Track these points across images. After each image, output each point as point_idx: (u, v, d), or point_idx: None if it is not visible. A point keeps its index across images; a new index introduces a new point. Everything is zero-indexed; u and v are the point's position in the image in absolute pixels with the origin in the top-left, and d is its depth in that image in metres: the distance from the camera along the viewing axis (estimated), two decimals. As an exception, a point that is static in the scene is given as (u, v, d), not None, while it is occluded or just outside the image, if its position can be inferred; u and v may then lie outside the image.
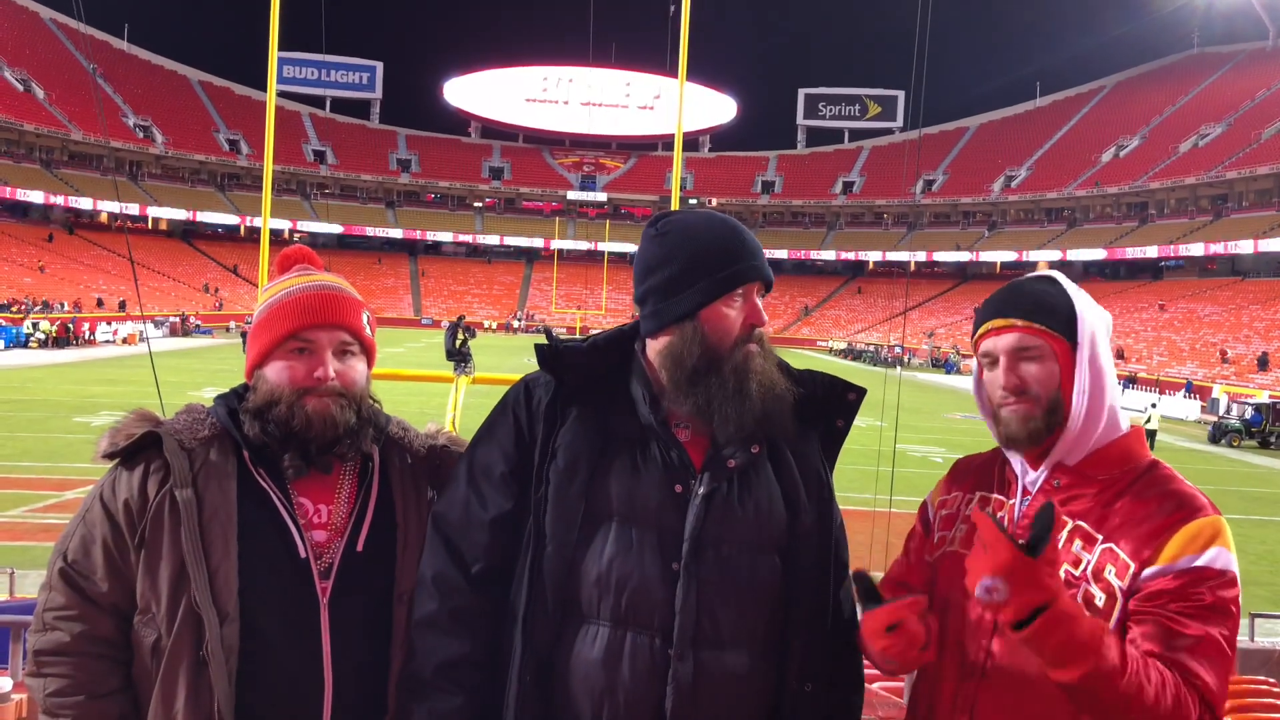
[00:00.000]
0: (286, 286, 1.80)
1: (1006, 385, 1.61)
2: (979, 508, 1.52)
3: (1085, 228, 72.11)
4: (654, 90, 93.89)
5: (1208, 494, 1.54)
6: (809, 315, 75.71)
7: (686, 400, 1.64)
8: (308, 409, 1.70)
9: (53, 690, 1.62)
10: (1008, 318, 1.63)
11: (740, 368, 1.63)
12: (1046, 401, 1.58)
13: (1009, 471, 1.70)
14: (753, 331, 1.67)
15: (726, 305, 1.66)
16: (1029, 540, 1.30)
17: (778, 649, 1.62)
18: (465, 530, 1.66)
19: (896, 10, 73.50)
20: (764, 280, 1.70)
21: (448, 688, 1.59)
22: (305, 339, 1.73)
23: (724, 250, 1.67)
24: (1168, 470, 1.59)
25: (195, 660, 1.60)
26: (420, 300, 75.58)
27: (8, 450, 14.81)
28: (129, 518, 1.66)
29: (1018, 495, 1.65)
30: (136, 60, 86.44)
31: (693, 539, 1.58)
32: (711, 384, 1.63)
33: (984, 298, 1.74)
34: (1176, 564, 1.44)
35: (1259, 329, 45.87)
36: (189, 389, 20.51)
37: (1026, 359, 1.60)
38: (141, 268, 55.91)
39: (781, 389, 1.66)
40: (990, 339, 1.65)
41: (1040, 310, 1.61)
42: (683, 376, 1.64)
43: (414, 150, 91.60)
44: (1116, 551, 1.49)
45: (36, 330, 38.06)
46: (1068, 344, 1.60)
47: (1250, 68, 75.28)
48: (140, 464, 1.69)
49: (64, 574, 1.67)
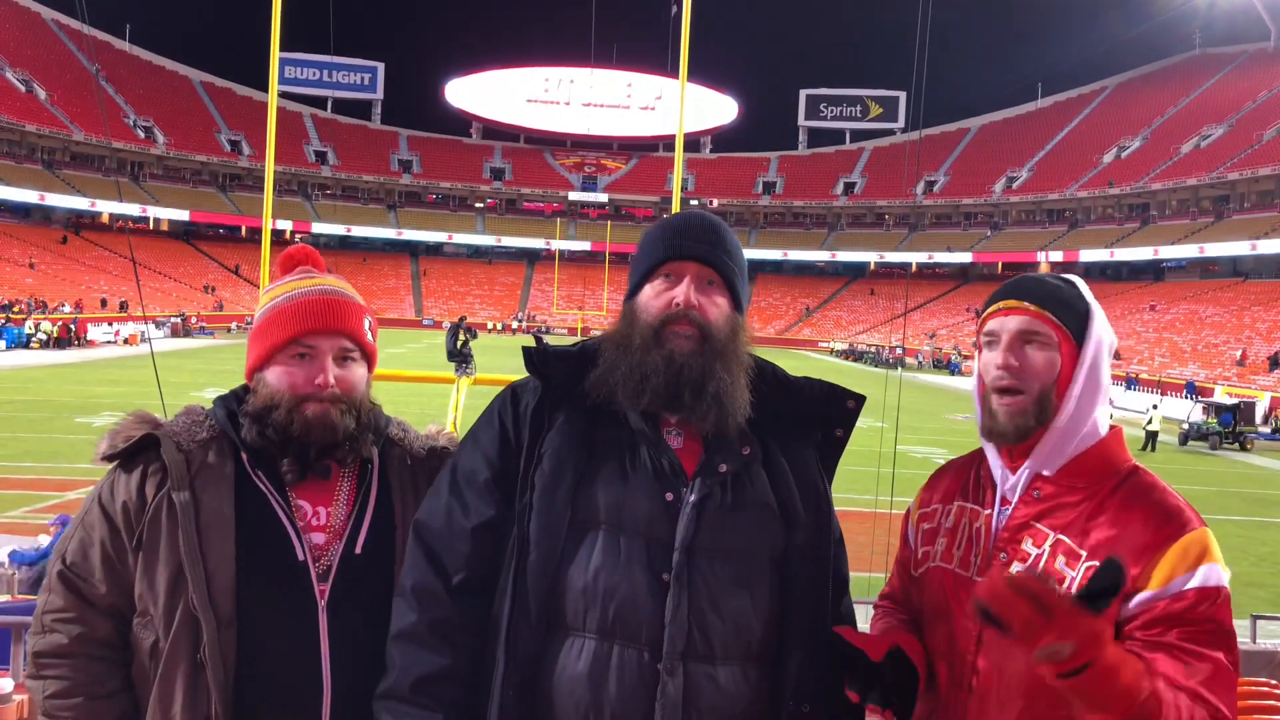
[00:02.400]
0: (288, 290, 1.79)
1: (1003, 364, 1.57)
2: (997, 571, 1.37)
3: (1087, 229, 72.03)
4: (655, 91, 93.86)
5: (1209, 496, 1.53)
6: (810, 316, 75.68)
7: (610, 380, 1.61)
8: (307, 415, 1.69)
9: (52, 692, 1.63)
10: (1021, 300, 1.60)
11: (648, 342, 1.60)
12: (1038, 393, 1.55)
13: (985, 477, 1.66)
14: (678, 310, 1.61)
15: (652, 286, 1.66)
16: (1089, 593, 1.22)
17: (773, 665, 1.57)
18: (447, 539, 1.61)
19: (897, 11, 73.49)
20: (689, 258, 1.64)
21: (426, 704, 1.52)
22: (306, 345, 1.73)
23: (658, 237, 1.69)
24: (1149, 478, 1.55)
25: (193, 663, 1.60)
26: (421, 301, 75.56)
27: (9, 451, 14.81)
28: (127, 520, 1.65)
29: (995, 505, 1.62)
30: (138, 61, 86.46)
31: (684, 548, 1.53)
32: (624, 361, 1.61)
33: (985, 299, 1.72)
34: (1169, 588, 1.41)
35: (1261, 330, 45.83)
36: (191, 389, 20.50)
37: (1031, 343, 1.57)
38: (143, 268, 55.96)
39: (706, 372, 1.58)
40: (999, 318, 1.62)
41: (1056, 302, 1.59)
42: (616, 358, 1.63)
43: (415, 151, 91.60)
44: None
45: (38, 331, 38.09)
46: (1074, 344, 1.57)
47: (1252, 69, 75.18)
48: (138, 466, 1.69)
49: (62, 576, 1.67)
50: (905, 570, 1.78)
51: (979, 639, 1.54)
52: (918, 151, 74.60)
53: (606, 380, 1.62)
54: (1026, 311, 1.59)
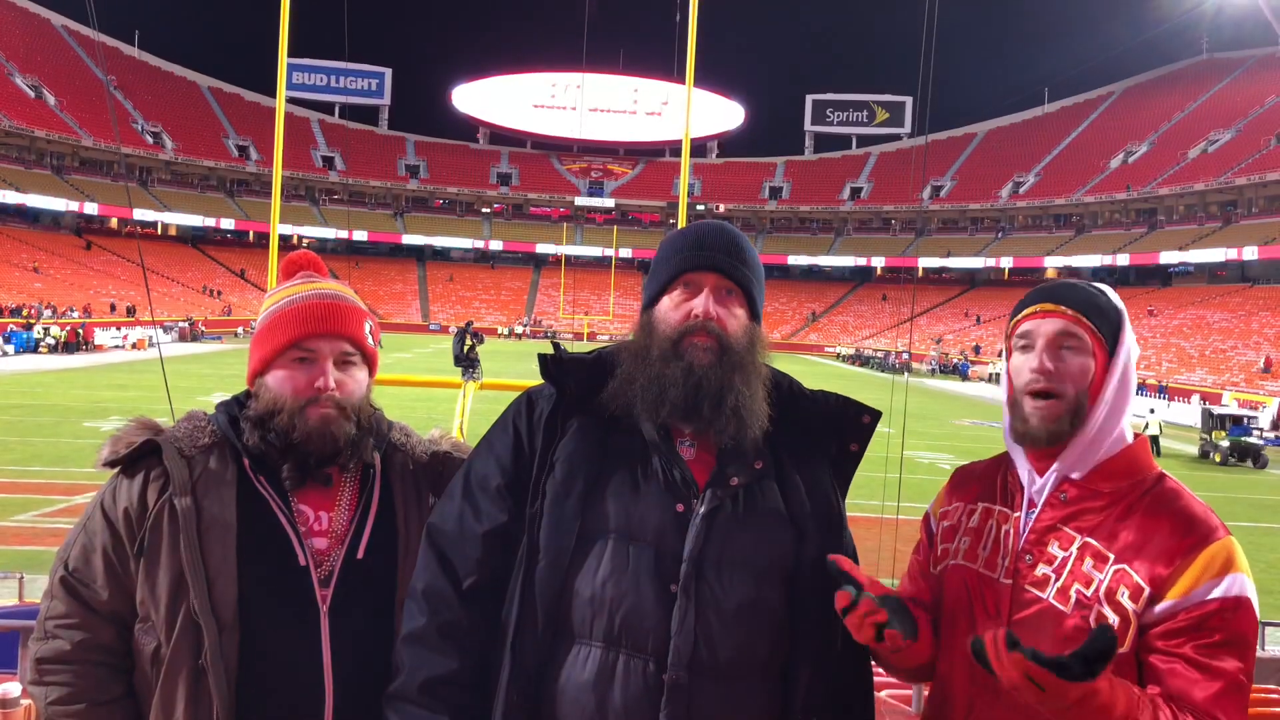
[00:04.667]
0: (289, 294, 1.80)
1: (1040, 368, 1.56)
2: (991, 637, 1.32)
3: (1094, 233, 71.92)
4: (662, 96, 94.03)
5: (1215, 502, 1.53)
6: (816, 321, 75.63)
7: (629, 393, 1.61)
8: (309, 420, 1.69)
9: (54, 698, 1.62)
10: (1059, 304, 1.59)
11: (666, 354, 1.59)
12: (1074, 397, 1.54)
13: (1013, 480, 1.66)
14: (697, 322, 1.60)
15: (670, 297, 1.65)
16: (1083, 657, 1.22)
17: (782, 680, 1.56)
18: (458, 543, 1.61)
19: (904, 16, 73.45)
20: (707, 269, 1.63)
21: (433, 705, 1.52)
22: (307, 348, 1.73)
23: (677, 247, 1.68)
24: (1175, 485, 1.55)
25: (194, 668, 1.59)
26: (428, 306, 75.71)
27: (18, 455, 14.87)
28: (129, 526, 1.66)
29: (1023, 507, 1.61)
30: (147, 67, 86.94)
31: (693, 560, 1.52)
32: (642, 373, 1.60)
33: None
34: (1192, 596, 1.41)
35: (1269, 335, 45.68)
36: (199, 394, 20.55)
37: (1067, 348, 1.56)
38: (151, 273, 56.14)
39: (725, 385, 1.58)
40: (1034, 320, 1.60)
41: (1093, 308, 1.58)
42: (634, 369, 1.62)
43: (422, 156, 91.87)
44: (1129, 573, 1.45)
45: (47, 335, 38.23)
46: (1107, 350, 1.57)
47: (1259, 74, 75.04)
48: (140, 472, 1.69)
49: (65, 582, 1.67)
50: (922, 571, 1.77)
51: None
52: (924, 156, 74.51)
53: (625, 391, 1.62)
54: (1064, 315, 1.58)
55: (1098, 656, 1.21)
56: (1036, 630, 1.50)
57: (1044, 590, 1.51)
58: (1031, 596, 1.52)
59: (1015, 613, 1.54)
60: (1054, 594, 1.50)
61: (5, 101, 66.19)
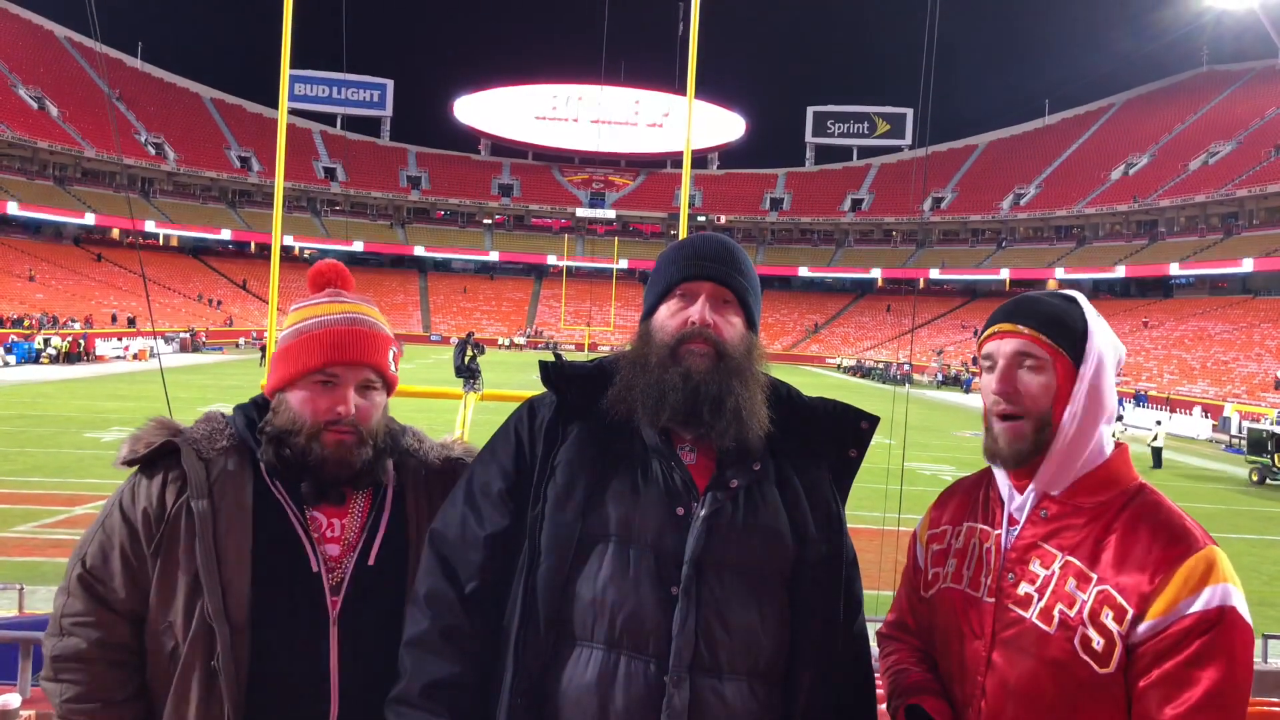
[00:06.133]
0: (319, 314, 1.81)
1: (998, 390, 1.58)
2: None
3: (1095, 245, 71.96)
4: (663, 108, 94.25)
5: (1218, 514, 1.53)
6: (818, 332, 75.65)
7: (629, 399, 1.64)
8: (326, 446, 1.72)
9: (69, 696, 1.64)
10: (1015, 323, 1.59)
11: (664, 361, 1.62)
12: (1036, 418, 1.54)
13: (994, 497, 1.66)
14: (694, 329, 1.63)
15: (668, 306, 1.68)
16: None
17: (782, 683, 1.57)
18: (461, 548, 1.63)
19: (905, 28, 73.71)
20: (703, 278, 1.66)
21: (435, 709, 1.54)
22: (330, 373, 1.75)
23: (674, 258, 1.71)
24: (1155, 495, 1.54)
25: (207, 669, 1.61)
26: (429, 317, 75.75)
27: (18, 466, 14.86)
28: (147, 526, 1.67)
29: (1004, 525, 1.61)
30: (149, 78, 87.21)
31: (693, 562, 1.54)
32: (642, 379, 1.63)
33: (990, 316, 1.72)
34: (1171, 615, 1.40)
35: (1270, 347, 45.66)
36: (199, 405, 20.51)
37: (1026, 368, 1.57)
38: (152, 284, 56.21)
39: (723, 389, 1.60)
40: (995, 341, 1.62)
41: (1051, 323, 1.57)
42: (633, 376, 1.65)
43: (424, 167, 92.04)
44: (1113, 594, 1.44)
45: (48, 346, 38.26)
46: (1071, 363, 1.56)
47: (1260, 86, 75.21)
48: (159, 472, 1.71)
49: (82, 580, 1.68)
50: (913, 593, 1.77)
51: (988, 661, 1.54)
52: (925, 168, 74.62)
53: (625, 398, 1.64)
54: (1020, 335, 1.58)
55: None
56: (1020, 650, 1.49)
57: (1027, 610, 1.51)
58: (1015, 616, 1.52)
59: (1000, 632, 1.53)
60: (1037, 614, 1.49)
61: (8, 113, 66.39)
